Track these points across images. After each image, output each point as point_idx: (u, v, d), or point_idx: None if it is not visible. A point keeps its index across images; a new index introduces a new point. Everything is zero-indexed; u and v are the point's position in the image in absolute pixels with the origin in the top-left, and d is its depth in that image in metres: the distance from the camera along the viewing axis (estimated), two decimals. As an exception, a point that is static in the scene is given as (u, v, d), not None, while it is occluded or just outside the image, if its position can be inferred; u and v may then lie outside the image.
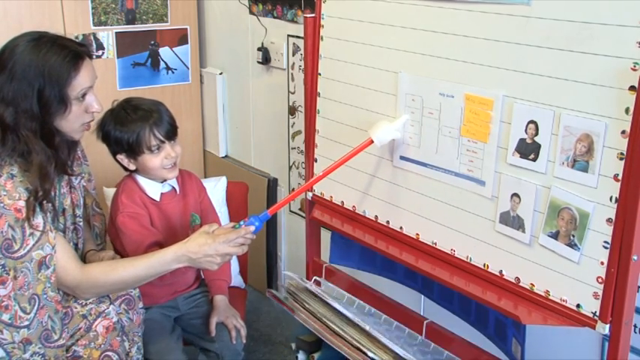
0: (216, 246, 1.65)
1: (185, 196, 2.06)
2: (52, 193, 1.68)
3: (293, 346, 1.95)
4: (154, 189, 1.98)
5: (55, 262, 1.62)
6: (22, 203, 1.57)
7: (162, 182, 2.00)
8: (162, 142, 1.90)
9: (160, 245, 1.89)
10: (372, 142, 1.70)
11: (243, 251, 1.70)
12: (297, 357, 1.93)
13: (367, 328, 1.65)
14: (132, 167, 1.95)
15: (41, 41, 1.62)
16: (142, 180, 1.98)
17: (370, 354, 1.58)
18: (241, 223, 1.69)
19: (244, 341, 2.04)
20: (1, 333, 1.57)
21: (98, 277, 1.68)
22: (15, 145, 1.59)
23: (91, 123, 1.76)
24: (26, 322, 1.58)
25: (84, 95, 1.67)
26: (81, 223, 1.84)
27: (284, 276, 1.97)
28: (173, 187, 2.03)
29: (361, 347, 1.62)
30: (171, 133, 1.93)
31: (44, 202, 1.63)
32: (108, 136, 1.93)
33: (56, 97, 1.61)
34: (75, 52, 1.64)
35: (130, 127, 1.89)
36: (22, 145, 1.59)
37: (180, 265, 1.70)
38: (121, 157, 1.94)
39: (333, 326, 1.71)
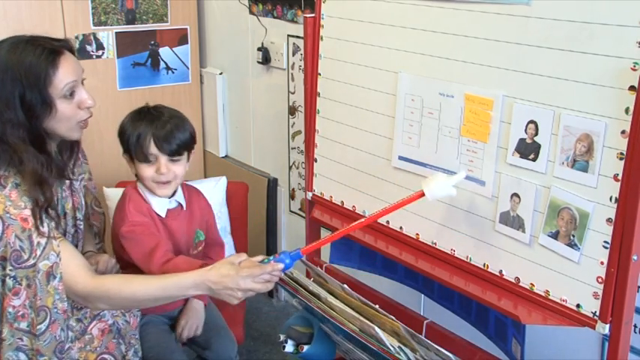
0: (238, 279, 1.52)
1: (191, 213, 1.98)
2: (55, 199, 1.63)
3: (281, 336, 1.82)
4: (160, 204, 1.89)
5: (61, 271, 1.57)
6: (27, 212, 1.52)
7: (169, 197, 1.91)
8: (157, 154, 1.80)
9: (174, 254, 1.81)
10: (424, 195, 1.54)
11: (268, 288, 1.57)
12: (284, 346, 1.80)
13: (377, 307, 1.62)
14: (132, 171, 1.87)
15: (16, 44, 1.55)
16: (148, 193, 1.88)
17: (377, 329, 1.55)
18: (270, 258, 1.56)
19: (184, 341, 1.99)
20: (21, 340, 1.56)
21: (110, 288, 1.61)
22: (10, 155, 1.53)
23: (89, 119, 1.66)
24: (37, 333, 1.56)
25: (72, 92, 1.59)
26: (81, 226, 1.80)
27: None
28: (179, 203, 1.94)
29: (366, 322, 1.58)
30: (173, 152, 1.81)
31: (49, 209, 1.58)
32: (120, 133, 1.85)
33: (38, 99, 1.53)
34: (50, 49, 1.55)
35: (135, 128, 1.81)
36: (14, 155, 1.53)
37: (199, 293, 1.59)
38: (125, 156, 1.87)
39: (337, 303, 1.67)
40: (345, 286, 1.71)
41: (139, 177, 1.86)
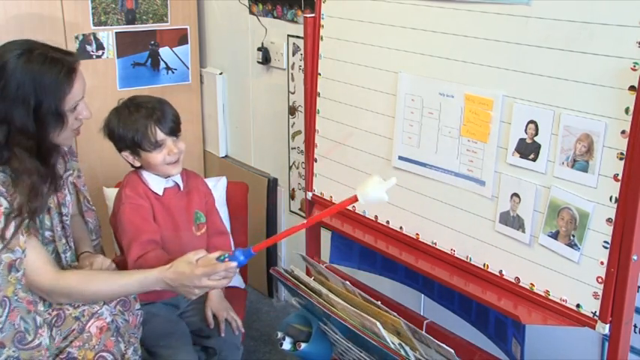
0: (193, 278, 1.62)
1: (189, 193, 2.08)
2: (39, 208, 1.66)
3: (279, 333, 1.85)
4: (157, 184, 2.01)
5: (24, 266, 1.60)
6: None
7: (166, 178, 2.02)
8: (165, 138, 1.93)
9: (157, 243, 1.91)
10: (357, 199, 1.51)
11: (223, 285, 1.67)
12: (281, 343, 1.84)
13: (378, 303, 1.62)
14: (137, 164, 1.99)
15: (32, 56, 1.61)
16: (146, 174, 2.01)
17: (379, 325, 1.55)
18: (225, 255, 1.63)
19: (243, 330, 2.04)
20: None
21: (73, 285, 1.67)
22: (6, 158, 1.58)
23: (80, 128, 1.76)
24: None
25: (76, 105, 1.69)
26: (68, 222, 1.81)
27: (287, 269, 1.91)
28: (176, 183, 2.06)
29: (368, 318, 1.58)
30: (174, 130, 1.96)
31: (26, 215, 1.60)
32: (112, 134, 1.97)
33: (53, 113, 1.61)
34: (68, 67, 1.64)
35: (133, 124, 1.92)
36: (15, 162, 1.58)
37: (159, 288, 1.69)
38: (125, 154, 1.98)
39: (337, 299, 1.67)
40: (347, 282, 1.71)
41: (148, 165, 1.98)
